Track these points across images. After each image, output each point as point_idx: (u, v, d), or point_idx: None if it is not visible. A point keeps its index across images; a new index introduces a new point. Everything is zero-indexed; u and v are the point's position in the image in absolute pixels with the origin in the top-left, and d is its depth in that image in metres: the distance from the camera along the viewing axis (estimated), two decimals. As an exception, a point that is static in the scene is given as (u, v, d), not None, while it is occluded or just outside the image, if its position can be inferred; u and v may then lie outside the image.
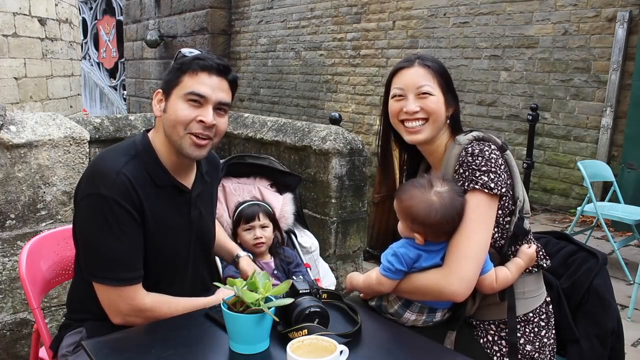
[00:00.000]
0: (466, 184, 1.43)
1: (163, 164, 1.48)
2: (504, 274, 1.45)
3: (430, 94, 1.50)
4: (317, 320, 1.28)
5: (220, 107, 1.45)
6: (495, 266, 1.46)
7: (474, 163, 1.43)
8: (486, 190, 1.40)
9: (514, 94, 6.22)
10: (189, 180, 1.54)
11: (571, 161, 5.72)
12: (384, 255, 1.47)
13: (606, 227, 4.04)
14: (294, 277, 1.36)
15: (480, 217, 1.40)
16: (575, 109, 5.72)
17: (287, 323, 1.30)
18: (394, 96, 1.55)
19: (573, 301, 1.60)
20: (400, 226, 1.48)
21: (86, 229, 1.41)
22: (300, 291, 1.34)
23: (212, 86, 1.42)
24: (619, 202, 4.36)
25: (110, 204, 1.36)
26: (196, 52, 1.48)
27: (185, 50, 1.49)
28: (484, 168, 1.42)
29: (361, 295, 1.62)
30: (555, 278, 1.64)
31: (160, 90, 1.48)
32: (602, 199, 4.83)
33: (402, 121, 1.53)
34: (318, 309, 1.30)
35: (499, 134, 6.30)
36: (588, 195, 4.10)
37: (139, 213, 1.41)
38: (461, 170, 1.45)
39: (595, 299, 1.58)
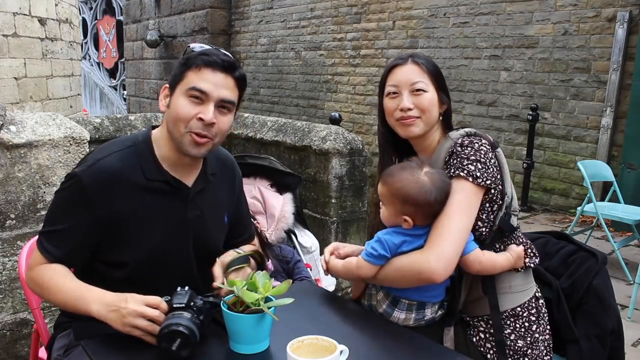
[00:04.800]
0: (452, 170, 1.44)
1: (158, 159, 1.45)
2: (490, 254, 1.46)
3: (424, 91, 1.51)
4: (179, 340, 1.18)
5: (222, 105, 1.41)
6: None
7: (462, 152, 1.45)
8: (471, 179, 1.41)
9: (514, 94, 6.22)
10: (189, 179, 1.50)
11: (571, 161, 5.72)
12: (368, 242, 1.47)
13: (606, 227, 4.04)
14: (179, 288, 1.29)
15: (463, 202, 1.41)
16: (575, 109, 5.72)
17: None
18: (389, 94, 1.55)
19: (573, 301, 1.60)
20: (385, 213, 1.47)
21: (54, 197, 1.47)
22: (175, 305, 1.23)
23: (215, 83, 1.38)
24: (619, 202, 4.36)
25: (75, 184, 1.38)
26: (206, 47, 1.45)
27: (195, 45, 1.46)
28: (472, 157, 1.43)
29: (352, 294, 1.63)
30: (555, 278, 1.64)
31: (166, 85, 1.47)
32: (602, 199, 4.83)
33: (397, 119, 1.54)
34: (182, 329, 1.18)
35: (499, 134, 6.30)
36: (588, 195, 4.10)
37: (102, 204, 1.38)
38: (451, 161, 1.46)
39: (595, 299, 1.58)
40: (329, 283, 2.67)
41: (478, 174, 1.42)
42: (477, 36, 6.53)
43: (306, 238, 2.60)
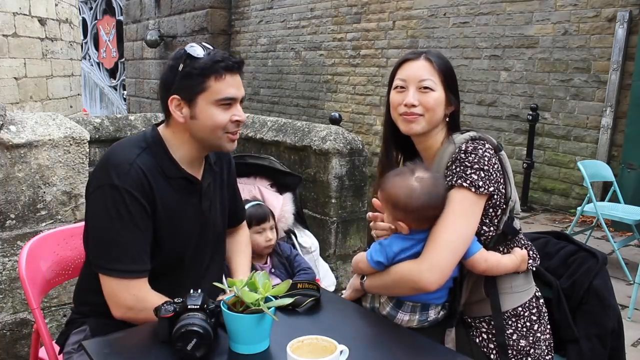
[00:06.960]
0: (454, 178, 1.43)
1: (173, 156, 1.50)
2: (494, 254, 1.47)
3: (431, 89, 1.49)
4: (194, 340, 1.19)
5: (241, 101, 1.53)
6: None
7: (466, 160, 1.43)
8: (473, 189, 1.40)
9: (514, 94, 6.22)
10: (198, 172, 1.56)
11: (571, 161, 5.71)
12: (375, 242, 1.51)
13: (606, 227, 4.04)
14: (192, 290, 1.30)
15: (463, 211, 1.40)
16: (575, 109, 5.72)
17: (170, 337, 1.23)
18: (396, 87, 1.54)
19: (573, 301, 1.60)
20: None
21: (97, 219, 1.42)
22: (189, 307, 1.25)
23: (236, 85, 1.48)
24: (619, 202, 4.36)
25: (122, 194, 1.38)
26: (197, 46, 1.45)
27: (190, 50, 1.44)
28: (475, 166, 1.42)
29: (345, 295, 1.65)
30: (555, 278, 1.63)
31: (176, 96, 1.45)
32: (602, 199, 4.82)
33: (400, 114, 1.52)
34: (197, 329, 1.20)
35: (499, 134, 6.30)
36: (588, 195, 4.10)
37: (151, 204, 1.42)
38: (453, 167, 1.45)
39: (595, 299, 1.58)
40: (329, 283, 2.67)
41: (480, 183, 1.40)
42: (477, 36, 6.53)
43: (306, 238, 2.60)
